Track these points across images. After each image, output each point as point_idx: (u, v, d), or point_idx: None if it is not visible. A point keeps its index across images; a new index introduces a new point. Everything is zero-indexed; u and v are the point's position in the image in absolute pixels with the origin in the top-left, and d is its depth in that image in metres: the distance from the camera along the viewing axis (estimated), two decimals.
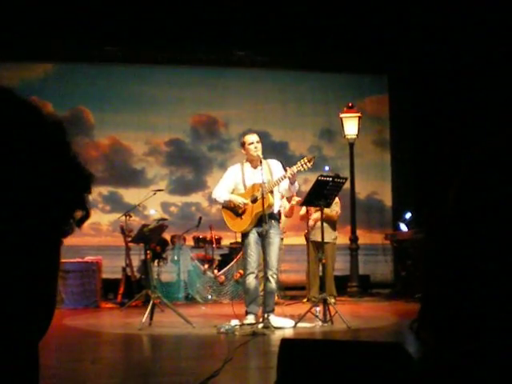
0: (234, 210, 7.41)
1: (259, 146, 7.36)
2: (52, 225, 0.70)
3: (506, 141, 0.77)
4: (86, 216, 0.74)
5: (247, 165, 7.51)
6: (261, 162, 7.22)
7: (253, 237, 7.32)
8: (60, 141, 0.76)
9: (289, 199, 9.12)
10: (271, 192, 7.24)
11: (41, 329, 0.71)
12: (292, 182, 7.24)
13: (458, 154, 7.58)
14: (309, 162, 7.25)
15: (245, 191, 7.44)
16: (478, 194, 0.75)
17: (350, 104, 12.13)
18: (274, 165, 7.51)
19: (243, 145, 7.49)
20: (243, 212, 7.37)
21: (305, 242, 10.26)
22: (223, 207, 7.54)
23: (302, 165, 7.22)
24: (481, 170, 0.77)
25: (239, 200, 7.37)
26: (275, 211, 7.39)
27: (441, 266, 0.77)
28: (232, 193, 7.49)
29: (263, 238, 7.22)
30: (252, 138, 7.43)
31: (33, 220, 0.67)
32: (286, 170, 7.28)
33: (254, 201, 7.30)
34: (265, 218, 7.05)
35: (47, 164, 0.71)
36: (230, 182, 7.53)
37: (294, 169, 7.18)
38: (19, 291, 0.68)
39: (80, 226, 0.75)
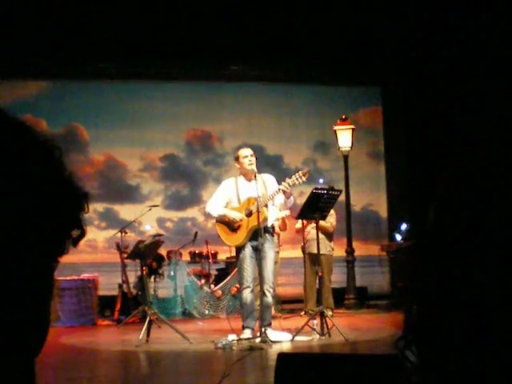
0: (229, 224, 7.40)
1: (253, 159, 7.36)
2: (47, 246, 0.70)
3: (482, 157, 0.76)
4: (82, 235, 0.75)
5: (241, 179, 7.51)
6: (255, 176, 7.23)
7: (247, 251, 7.31)
8: (54, 160, 0.76)
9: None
10: (265, 206, 7.24)
11: (34, 348, 0.71)
12: (287, 197, 7.24)
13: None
14: (303, 175, 7.25)
15: (239, 205, 7.44)
16: (456, 212, 0.74)
17: (344, 116, 12.15)
18: (269, 179, 7.52)
19: (237, 159, 7.50)
20: (238, 226, 7.36)
21: (301, 255, 10.23)
22: (217, 221, 7.53)
23: (296, 179, 7.22)
24: (458, 187, 0.75)
25: (234, 215, 7.36)
26: (269, 225, 7.39)
27: (425, 283, 0.76)
28: (226, 207, 7.49)
29: (258, 252, 7.21)
30: (246, 151, 7.44)
31: (27, 241, 0.67)
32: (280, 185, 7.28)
33: (249, 215, 7.29)
34: (260, 232, 7.04)
35: (41, 184, 0.71)
36: (223, 196, 7.53)
37: (289, 182, 7.18)
38: (13, 312, 0.67)
39: (76, 245, 0.75)
